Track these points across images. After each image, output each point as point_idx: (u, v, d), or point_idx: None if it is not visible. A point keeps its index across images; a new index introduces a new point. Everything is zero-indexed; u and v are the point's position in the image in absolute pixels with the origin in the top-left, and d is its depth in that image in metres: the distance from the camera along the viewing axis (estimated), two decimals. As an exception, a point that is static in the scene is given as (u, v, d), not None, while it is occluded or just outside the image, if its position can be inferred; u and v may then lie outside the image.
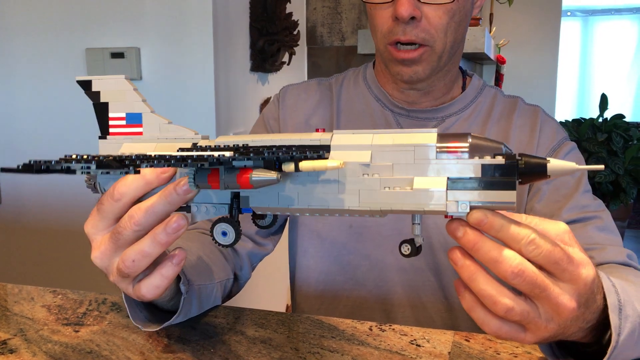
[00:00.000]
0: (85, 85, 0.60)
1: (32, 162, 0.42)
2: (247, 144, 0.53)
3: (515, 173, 0.47)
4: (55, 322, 0.78)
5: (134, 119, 0.60)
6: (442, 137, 0.50)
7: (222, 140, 0.55)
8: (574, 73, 6.57)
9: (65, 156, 0.45)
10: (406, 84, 0.92)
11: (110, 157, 0.46)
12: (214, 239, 0.54)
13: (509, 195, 0.47)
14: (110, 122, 0.60)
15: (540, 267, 0.49)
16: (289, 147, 0.52)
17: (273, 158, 0.49)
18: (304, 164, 0.49)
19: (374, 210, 0.51)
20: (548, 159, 0.47)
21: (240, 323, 0.77)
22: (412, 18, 0.82)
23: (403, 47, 0.85)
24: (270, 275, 2.22)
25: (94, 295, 0.86)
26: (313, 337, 0.73)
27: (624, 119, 4.04)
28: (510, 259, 0.48)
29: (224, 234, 0.53)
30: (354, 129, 0.93)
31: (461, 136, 0.50)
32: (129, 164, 0.45)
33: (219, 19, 1.78)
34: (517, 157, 0.48)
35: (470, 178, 0.48)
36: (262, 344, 0.71)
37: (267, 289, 2.28)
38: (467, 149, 0.49)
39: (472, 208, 0.48)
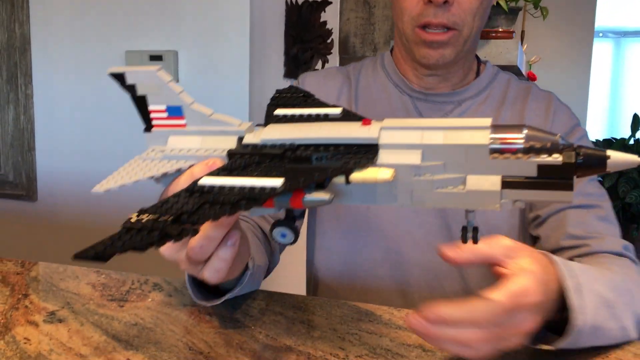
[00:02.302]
0: (119, 78, 0.58)
1: (98, 253, 0.44)
2: (294, 145, 0.52)
3: (572, 174, 0.45)
4: (100, 298, 0.80)
5: (174, 112, 0.58)
6: (495, 129, 0.47)
7: (269, 137, 0.54)
8: (605, 93, 6.51)
9: (127, 225, 0.46)
10: (429, 68, 0.93)
11: (170, 221, 0.45)
12: (274, 239, 0.54)
13: (566, 195, 0.46)
14: (152, 115, 0.59)
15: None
16: (338, 148, 0.50)
17: (324, 179, 0.48)
18: (355, 176, 0.48)
19: (427, 207, 0.51)
20: (608, 152, 0.46)
21: (279, 305, 0.79)
22: (445, 2, 0.84)
23: (431, 30, 0.87)
24: (286, 260, 2.23)
25: (136, 276, 0.89)
26: (351, 321, 0.74)
27: (656, 140, 3.99)
28: (463, 332, 0.54)
29: (283, 235, 0.54)
30: (372, 114, 0.92)
31: (516, 128, 0.47)
32: (188, 220, 0.45)
33: (255, 26, 1.81)
34: (575, 151, 0.45)
35: (526, 178, 0.47)
36: (301, 323, 0.72)
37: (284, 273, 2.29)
38: (522, 143, 0.46)
39: (527, 204, 0.48)
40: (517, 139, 0.46)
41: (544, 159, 0.46)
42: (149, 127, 0.60)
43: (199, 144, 0.57)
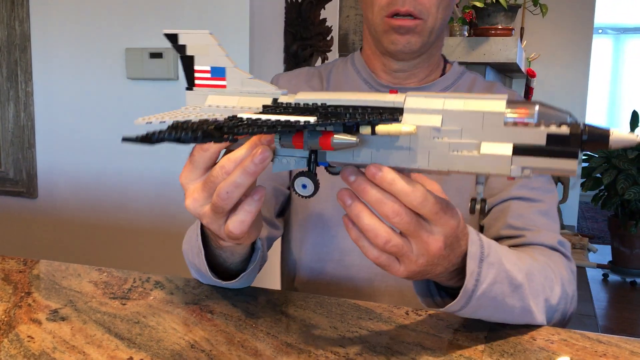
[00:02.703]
0: (172, 38, 0.63)
1: (148, 134, 0.47)
2: (325, 104, 0.56)
3: (578, 143, 0.49)
4: (102, 296, 0.81)
5: (217, 72, 0.63)
6: (510, 104, 0.51)
7: (302, 98, 0.58)
8: (605, 90, 6.52)
9: (174, 123, 0.49)
10: (397, 57, 0.96)
11: (212, 127, 0.49)
12: (294, 190, 0.57)
13: (571, 164, 0.49)
14: (196, 75, 0.63)
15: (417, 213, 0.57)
16: (366, 109, 0.54)
17: (353, 123, 0.53)
18: (380, 128, 0.52)
19: (442, 171, 0.54)
20: (611, 130, 0.49)
21: (280, 303, 0.79)
22: None
23: (399, 17, 0.91)
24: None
25: (137, 274, 0.89)
26: (351, 318, 0.75)
27: (655, 137, 3.99)
28: (392, 202, 0.55)
29: (304, 186, 0.57)
30: None
31: (529, 104, 0.51)
32: (228, 131, 0.48)
33: (255, 23, 1.82)
34: (581, 127, 0.49)
35: (535, 145, 0.50)
36: (301, 321, 0.73)
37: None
38: (534, 116, 0.50)
39: (534, 172, 0.51)
40: (530, 110, 0.50)
41: (553, 129, 0.49)
42: (191, 85, 0.64)
43: (236, 102, 0.61)
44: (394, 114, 0.53)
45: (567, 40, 4.47)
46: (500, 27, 2.30)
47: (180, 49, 0.63)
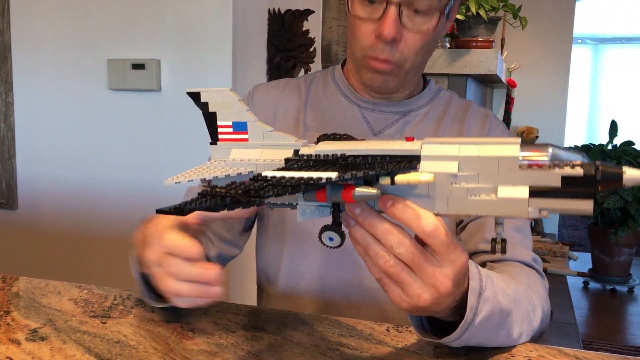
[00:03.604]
0: (195, 96, 0.66)
1: (180, 206, 0.49)
2: (345, 155, 0.58)
3: (593, 184, 0.50)
4: (82, 314, 0.80)
5: (240, 127, 0.66)
6: (524, 147, 0.53)
7: (322, 149, 0.60)
8: (584, 99, 6.61)
9: (203, 191, 0.52)
10: (374, 91, 0.99)
11: (240, 193, 0.51)
12: (322, 243, 0.60)
13: (587, 204, 0.51)
14: (219, 130, 0.67)
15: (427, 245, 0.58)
16: (384, 158, 0.56)
17: (373, 176, 0.55)
18: (399, 178, 0.54)
19: (462, 215, 0.56)
20: (624, 169, 0.50)
21: (262, 321, 0.80)
22: (393, 40, 0.87)
23: (378, 61, 0.91)
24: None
25: (118, 291, 0.89)
26: (332, 336, 0.75)
27: (633, 146, 4.05)
28: (397, 232, 0.57)
29: (331, 239, 0.59)
30: (321, 122, 1.02)
31: (542, 146, 0.53)
32: (254, 195, 0.50)
33: (238, 35, 1.82)
34: (595, 168, 0.50)
35: (551, 187, 0.51)
36: (283, 339, 0.73)
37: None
38: (547, 159, 0.51)
39: (551, 213, 0.52)
40: (543, 153, 0.52)
41: (567, 170, 0.50)
42: (215, 140, 0.67)
43: (259, 155, 0.64)
44: (411, 162, 0.55)
45: (547, 50, 4.53)
46: (480, 39, 2.33)
47: (203, 107, 0.66)
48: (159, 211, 0.49)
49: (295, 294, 1.01)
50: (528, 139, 4.27)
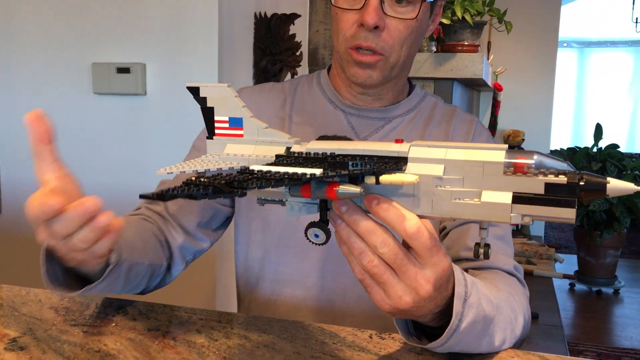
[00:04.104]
0: (194, 91, 0.67)
1: (162, 192, 0.49)
2: (334, 154, 0.59)
3: (576, 193, 0.50)
4: (63, 323, 0.79)
5: (235, 123, 0.67)
6: (510, 154, 0.53)
7: (313, 147, 0.61)
8: (570, 103, 6.66)
9: (187, 180, 0.52)
10: (359, 87, 0.98)
11: (222, 183, 0.51)
12: (308, 239, 0.60)
13: (569, 212, 0.51)
14: (216, 125, 0.68)
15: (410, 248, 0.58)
16: (372, 159, 0.57)
17: (358, 175, 0.55)
18: (384, 178, 0.54)
19: (445, 217, 0.56)
20: (608, 179, 0.50)
21: (244, 328, 0.79)
22: (376, 27, 0.88)
23: (362, 51, 0.91)
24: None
25: (100, 299, 0.88)
26: (315, 343, 0.75)
27: (618, 149, 4.09)
28: (382, 232, 0.57)
29: (316, 235, 0.60)
30: (306, 127, 1.02)
31: (528, 153, 0.53)
32: (237, 186, 0.50)
33: (224, 38, 1.82)
34: (579, 177, 0.50)
35: (534, 194, 0.52)
36: (265, 347, 0.73)
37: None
38: (532, 165, 0.52)
39: (534, 219, 0.52)
40: (528, 160, 0.52)
41: (551, 178, 0.51)
42: (211, 134, 0.69)
43: (252, 151, 0.65)
44: (398, 163, 0.56)
45: (532, 53, 4.56)
46: (466, 43, 2.34)
47: (202, 101, 0.68)
48: (142, 196, 0.49)
49: (279, 301, 1.01)
50: (514, 142, 4.30)
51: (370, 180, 0.55)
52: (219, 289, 1.81)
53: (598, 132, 4.15)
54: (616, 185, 0.50)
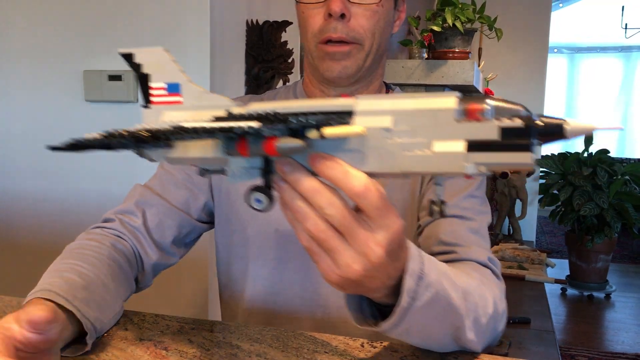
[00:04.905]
0: (128, 57, 0.63)
1: (75, 141, 0.45)
2: (275, 112, 0.54)
3: (531, 136, 0.47)
4: (54, 333, 0.79)
5: (173, 89, 0.62)
6: (461, 101, 0.50)
7: (254, 108, 0.56)
8: (560, 108, 6.70)
9: (106, 131, 0.47)
10: (334, 83, 0.97)
11: (144, 132, 0.47)
12: (250, 205, 0.56)
13: (526, 157, 0.48)
14: (152, 92, 0.63)
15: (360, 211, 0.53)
16: (314, 114, 0.53)
17: (298, 127, 0.51)
18: (328, 131, 0.50)
19: (395, 173, 0.52)
20: (567, 119, 0.48)
21: (236, 338, 0.79)
22: (343, 16, 0.90)
23: (333, 43, 0.92)
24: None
25: (91, 308, 0.88)
26: (307, 352, 0.75)
27: (608, 154, 4.12)
28: (328, 192, 0.52)
29: (259, 201, 0.55)
30: None
31: (481, 99, 0.50)
32: (163, 137, 0.47)
33: (216, 45, 1.82)
34: (535, 119, 0.48)
35: (489, 140, 0.49)
36: (257, 356, 0.73)
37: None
38: (486, 111, 0.49)
39: (489, 169, 0.49)
40: (482, 105, 0.49)
41: (506, 122, 0.48)
42: (147, 102, 0.64)
43: (191, 117, 0.60)
44: (343, 117, 0.52)
45: (523, 59, 4.59)
46: (457, 50, 2.36)
47: (136, 67, 0.63)
48: (52, 148, 0.45)
49: (260, 315, 1.01)
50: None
51: (313, 134, 0.51)
52: (210, 297, 1.81)
53: (588, 137, 4.18)
54: (575, 126, 0.47)
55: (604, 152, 4.12)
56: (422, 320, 0.64)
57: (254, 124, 0.49)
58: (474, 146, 0.49)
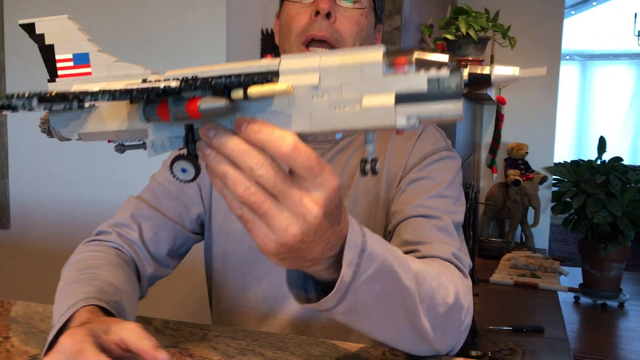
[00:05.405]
0: (29, 28, 0.58)
1: None
2: (196, 76, 0.51)
3: (459, 84, 0.47)
4: (81, 340, 0.81)
5: (81, 59, 0.58)
6: (388, 54, 0.49)
7: (172, 74, 0.53)
8: (573, 116, 6.68)
9: (9, 93, 0.46)
10: None
11: (52, 93, 0.45)
12: (174, 176, 0.53)
13: (455, 106, 0.48)
14: (58, 65, 0.59)
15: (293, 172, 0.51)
16: (238, 75, 0.50)
17: (221, 86, 0.49)
18: (252, 90, 0.48)
19: (326, 131, 0.51)
20: (493, 66, 0.48)
21: (259, 345, 0.80)
22: (329, 16, 0.93)
23: (316, 44, 0.94)
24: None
25: (115, 315, 0.89)
26: (329, 360, 0.76)
27: (621, 162, 4.10)
28: (256, 152, 0.49)
29: (184, 170, 0.52)
30: None
31: (407, 50, 0.49)
32: (72, 98, 0.45)
33: (231, 54, 1.84)
34: (461, 68, 0.48)
35: (417, 92, 0.48)
36: (281, 364, 0.74)
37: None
38: (413, 63, 0.48)
39: (421, 121, 0.49)
40: (408, 57, 0.48)
41: (433, 73, 0.48)
42: (53, 77, 0.59)
43: (102, 87, 0.54)
44: (268, 77, 0.50)
45: (536, 67, 4.58)
46: (470, 58, 2.37)
47: (39, 39, 0.58)
48: None
49: (238, 311, 1.03)
50: (518, 155, 4.31)
51: (237, 94, 0.49)
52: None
53: (601, 145, 4.17)
54: (500, 72, 0.47)
55: (617, 159, 4.09)
56: (368, 299, 0.60)
57: (174, 83, 0.47)
58: (404, 98, 0.48)
